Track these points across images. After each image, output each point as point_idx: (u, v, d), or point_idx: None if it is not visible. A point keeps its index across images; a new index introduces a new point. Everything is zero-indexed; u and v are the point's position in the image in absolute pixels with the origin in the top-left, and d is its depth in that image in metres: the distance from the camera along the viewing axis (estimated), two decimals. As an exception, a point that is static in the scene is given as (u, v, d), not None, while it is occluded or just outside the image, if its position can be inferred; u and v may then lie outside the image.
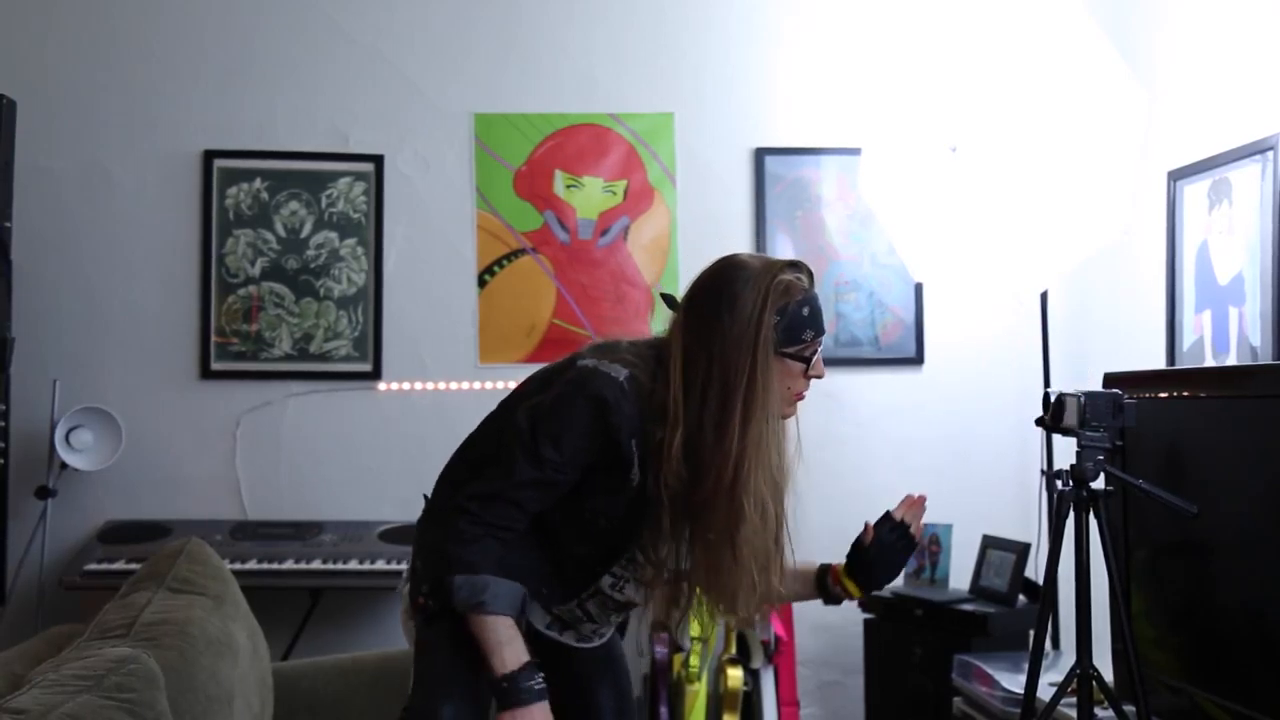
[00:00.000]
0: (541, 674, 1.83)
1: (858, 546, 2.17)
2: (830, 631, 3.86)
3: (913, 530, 2.20)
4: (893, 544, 2.18)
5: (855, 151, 3.79)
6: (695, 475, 1.86)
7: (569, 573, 1.98)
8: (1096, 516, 2.32)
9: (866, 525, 2.17)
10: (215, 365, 3.74)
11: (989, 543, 3.55)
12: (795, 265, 1.93)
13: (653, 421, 1.84)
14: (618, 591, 2.00)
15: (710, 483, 1.85)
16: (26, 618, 3.44)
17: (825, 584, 2.18)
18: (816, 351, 1.95)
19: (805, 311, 1.89)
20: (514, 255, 3.87)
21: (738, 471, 1.86)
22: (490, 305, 3.85)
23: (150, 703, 1.69)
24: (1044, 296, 3.58)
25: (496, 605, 1.81)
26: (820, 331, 1.93)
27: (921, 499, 2.19)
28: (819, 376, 1.97)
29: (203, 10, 3.81)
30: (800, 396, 1.99)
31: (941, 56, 3.47)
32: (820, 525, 3.86)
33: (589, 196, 3.90)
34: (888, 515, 2.20)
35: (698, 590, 1.98)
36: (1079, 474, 2.32)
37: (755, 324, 1.85)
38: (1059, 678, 2.42)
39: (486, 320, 3.85)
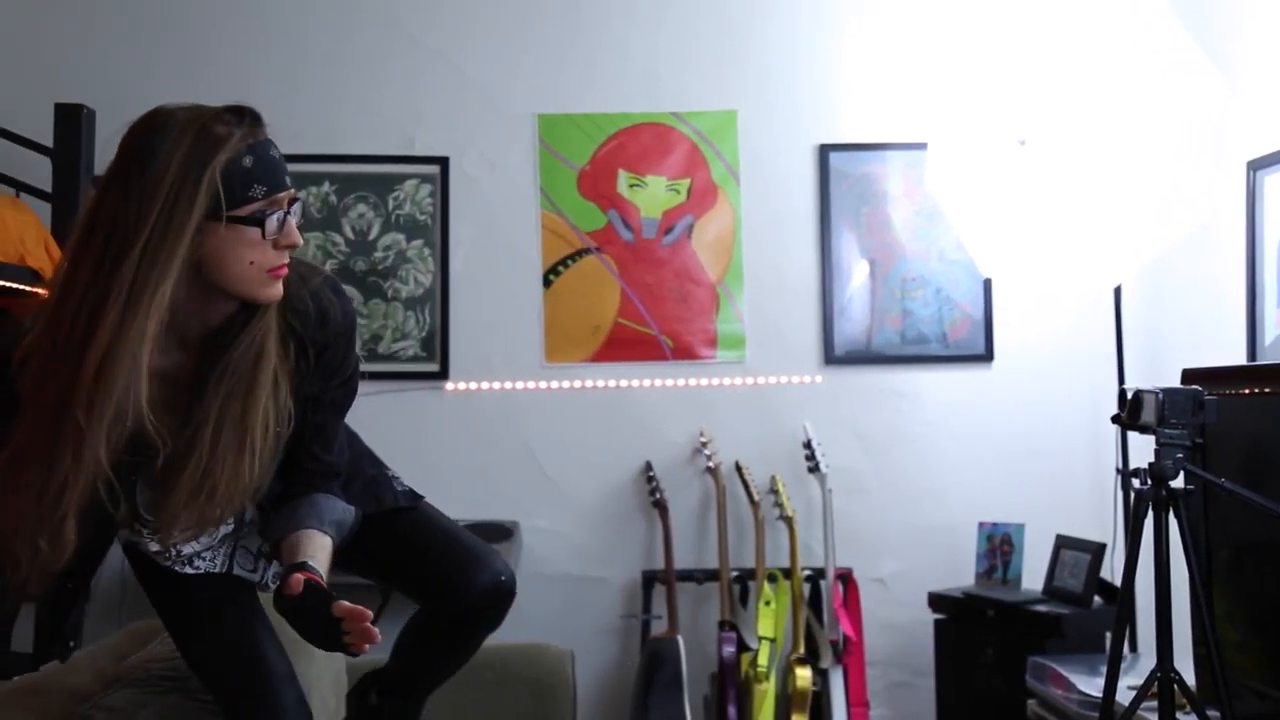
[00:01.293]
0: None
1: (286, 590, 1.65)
2: (899, 632, 3.82)
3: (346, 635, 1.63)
4: (308, 609, 1.63)
5: (921, 146, 3.75)
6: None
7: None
8: (1176, 516, 2.27)
9: (296, 579, 1.63)
10: (286, 366, 3.80)
11: (1063, 543, 3.49)
12: (236, 111, 1.57)
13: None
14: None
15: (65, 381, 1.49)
16: (110, 611, 3.53)
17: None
18: (281, 213, 1.57)
19: (247, 162, 1.53)
20: (579, 255, 3.88)
21: (100, 374, 1.48)
22: (555, 305, 3.87)
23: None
24: (1118, 291, 3.51)
25: None
26: (278, 187, 1.57)
27: (364, 613, 1.61)
28: (292, 245, 1.59)
29: (270, 18, 3.87)
30: (276, 273, 1.59)
31: (1009, 47, 3.42)
32: (892, 523, 3.86)
33: (653, 195, 3.90)
34: (324, 593, 1.65)
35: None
36: (1158, 472, 2.27)
37: (175, 182, 1.48)
38: (1137, 681, 2.37)
39: (552, 320, 3.86)
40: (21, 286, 3.09)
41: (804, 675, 3.48)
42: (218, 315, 1.63)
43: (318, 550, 1.73)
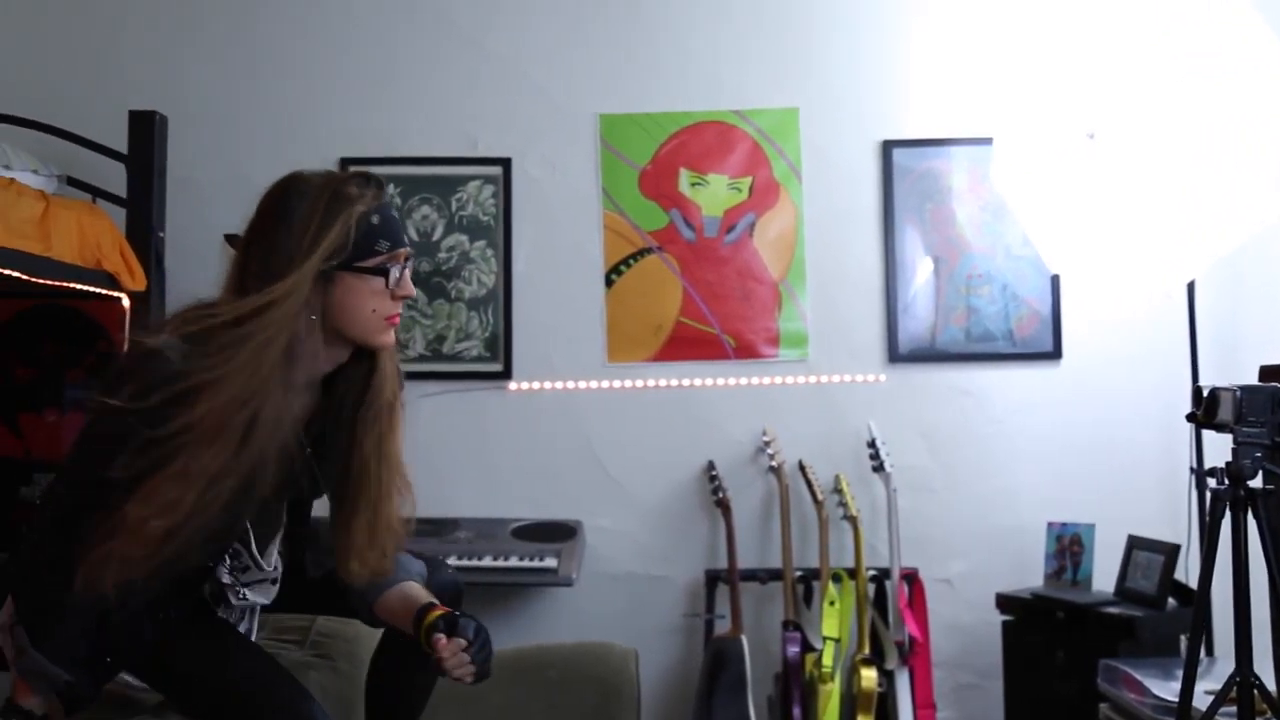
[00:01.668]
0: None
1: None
2: (966, 633, 3.77)
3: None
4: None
5: (987, 141, 3.71)
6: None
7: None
8: (1255, 516, 2.21)
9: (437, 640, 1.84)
10: (353, 367, 3.85)
11: (1135, 543, 3.42)
12: (364, 176, 1.78)
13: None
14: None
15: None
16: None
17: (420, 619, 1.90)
18: (401, 266, 1.78)
19: (375, 220, 1.74)
20: (640, 254, 3.88)
21: (275, 417, 1.70)
22: (618, 304, 3.87)
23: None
24: (1191, 287, 3.44)
25: None
26: (399, 244, 1.77)
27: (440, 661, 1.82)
28: (408, 296, 1.80)
29: (336, 24, 3.92)
30: (393, 320, 1.79)
31: (1078, 37, 3.36)
32: (958, 523, 3.81)
33: (714, 194, 3.89)
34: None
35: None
36: (1236, 472, 2.22)
37: (312, 238, 1.68)
38: (1215, 685, 2.32)
39: (614, 319, 3.87)
40: (97, 290, 3.16)
41: (869, 676, 3.46)
42: (331, 362, 1.81)
43: (423, 595, 1.93)
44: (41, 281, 2.94)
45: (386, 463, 1.85)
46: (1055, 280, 3.83)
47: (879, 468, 3.66)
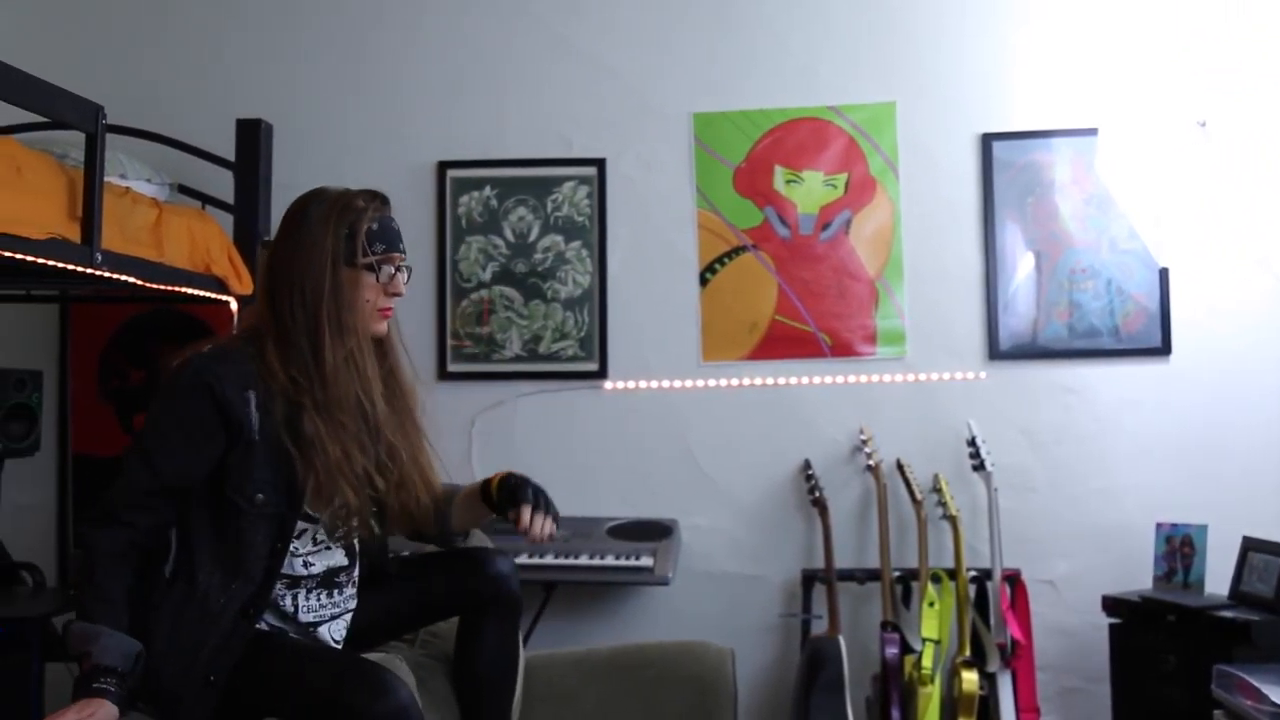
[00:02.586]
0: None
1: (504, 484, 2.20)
2: (1071, 636, 3.69)
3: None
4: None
5: (1091, 132, 3.62)
6: (298, 388, 1.97)
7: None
8: (1378, 518, 2.12)
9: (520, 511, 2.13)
10: (451, 367, 3.91)
11: (1251, 545, 3.30)
12: (370, 193, 2.11)
13: (257, 359, 1.98)
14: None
15: (311, 396, 1.97)
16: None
17: (487, 497, 2.20)
18: (393, 267, 2.09)
19: (374, 226, 2.07)
20: (735, 253, 3.87)
21: (334, 377, 1.99)
22: (712, 303, 3.87)
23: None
24: (1309, 279, 3.31)
25: None
26: (392, 247, 2.09)
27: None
28: (397, 294, 2.10)
29: (434, 31, 3.99)
30: (384, 313, 2.11)
31: (1187, 21, 3.26)
32: (1062, 523, 3.73)
33: (809, 191, 3.86)
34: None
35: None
36: (1356, 472, 2.13)
37: (323, 238, 2.02)
38: (1336, 693, 2.23)
39: (709, 318, 3.87)
40: (207, 294, 3.27)
41: (970, 679, 3.40)
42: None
43: (474, 485, 2.24)
44: (155, 286, 3.04)
45: (416, 430, 2.17)
46: (1164, 274, 3.72)
47: (979, 467, 3.60)
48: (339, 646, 2.11)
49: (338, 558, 2.09)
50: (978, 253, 3.81)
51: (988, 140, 3.81)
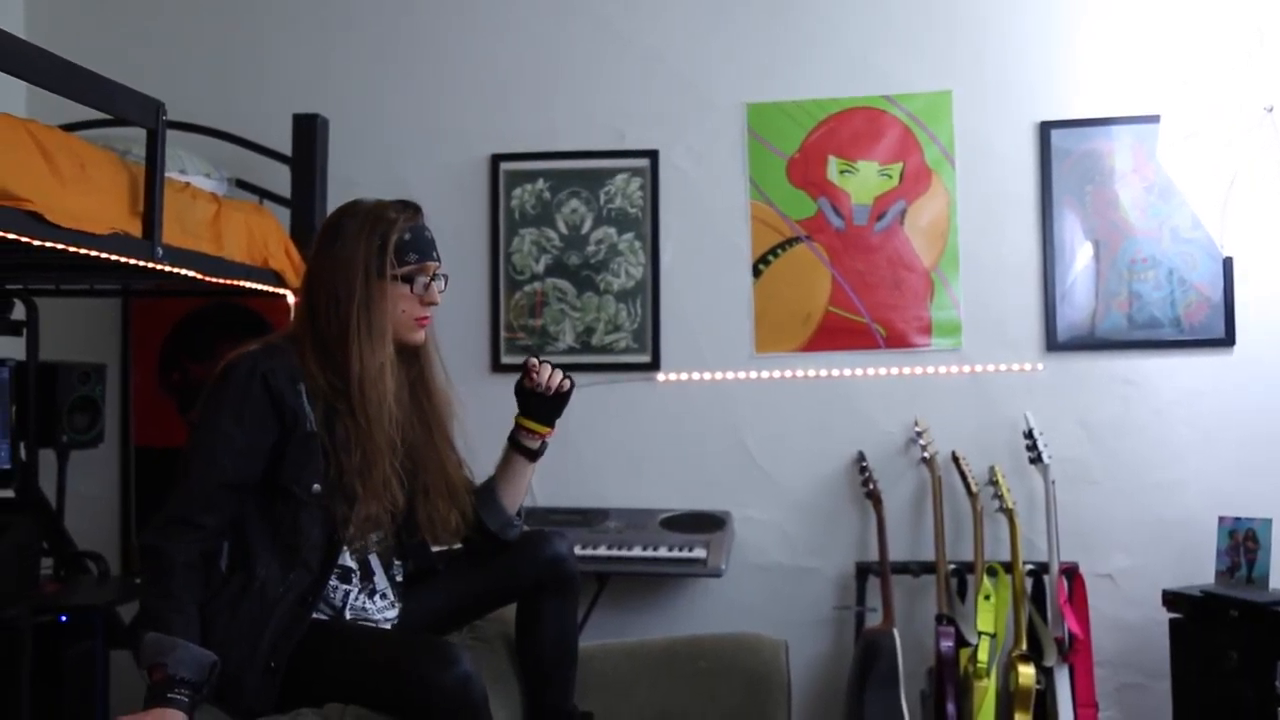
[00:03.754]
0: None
1: (521, 391, 2.33)
2: (1131, 631, 3.63)
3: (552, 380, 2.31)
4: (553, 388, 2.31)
5: (1153, 119, 3.54)
6: (334, 391, 2.02)
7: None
8: None
9: (529, 364, 2.30)
10: (505, 359, 3.93)
11: (1316, 540, 3.23)
12: (403, 203, 2.14)
13: (299, 359, 2.04)
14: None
15: (346, 400, 2.02)
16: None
17: (515, 441, 2.31)
18: (427, 277, 2.13)
19: (406, 237, 2.10)
20: (788, 244, 3.85)
21: (363, 386, 2.02)
22: (766, 295, 3.85)
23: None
24: (1379, 268, 3.23)
25: None
26: (425, 256, 2.12)
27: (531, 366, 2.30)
28: (433, 303, 2.15)
29: (485, 26, 4.00)
30: (421, 322, 2.15)
31: (1255, 3, 3.18)
32: (1121, 517, 3.67)
33: (864, 181, 3.83)
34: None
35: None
36: None
37: (355, 250, 2.06)
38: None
39: (762, 310, 3.85)
40: (265, 287, 3.31)
41: (1027, 673, 3.36)
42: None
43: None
44: (214, 280, 3.09)
45: (445, 439, 2.22)
46: (1228, 264, 3.64)
47: (1036, 459, 3.55)
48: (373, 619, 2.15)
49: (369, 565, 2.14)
50: (1035, 243, 3.76)
51: (1046, 128, 3.75)
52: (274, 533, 1.99)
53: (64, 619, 3.20)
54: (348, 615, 2.08)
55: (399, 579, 2.22)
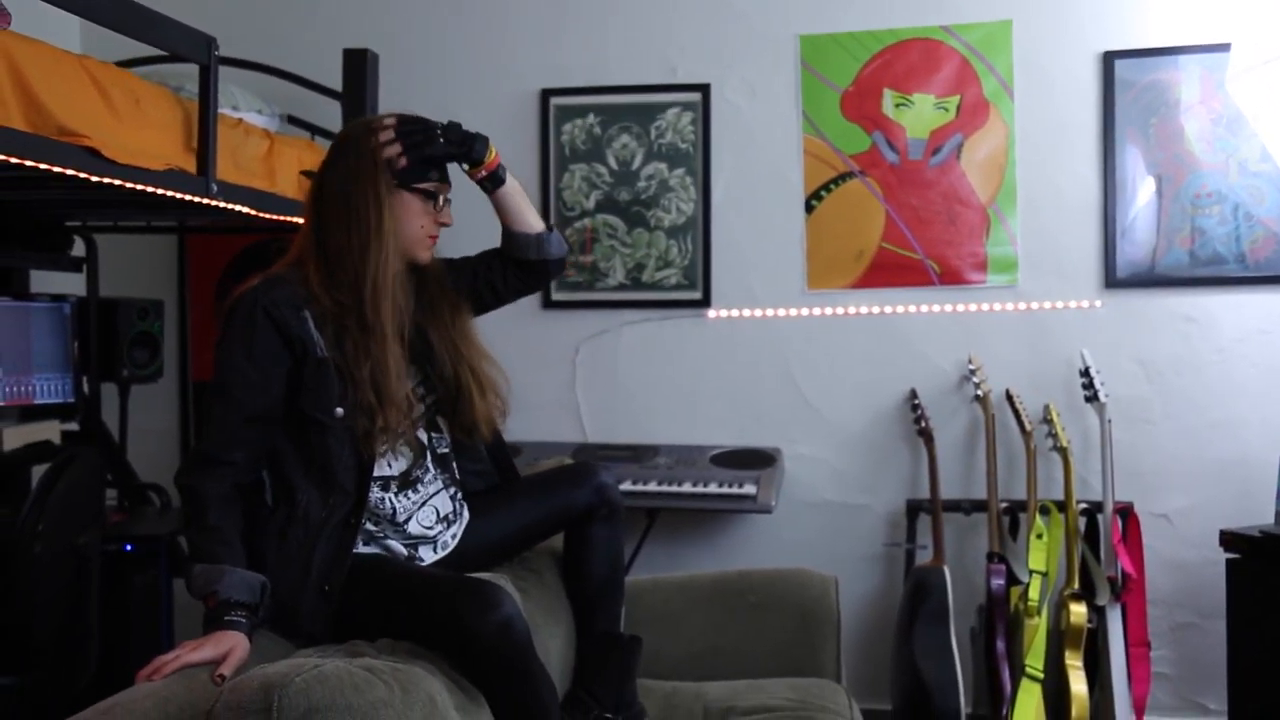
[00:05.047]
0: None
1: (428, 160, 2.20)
2: (1186, 571, 3.60)
3: None
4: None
5: (1223, 48, 3.43)
6: (342, 309, 2.01)
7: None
8: None
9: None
10: (556, 296, 3.94)
11: (1380, 481, 3.17)
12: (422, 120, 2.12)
13: (303, 284, 2.04)
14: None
15: (355, 317, 2.01)
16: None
17: (481, 186, 2.26)
18: (444, 197, 2.13)
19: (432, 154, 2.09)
20: (841, 179, 3.80)
21: (375, 297, 2.01)
22: (818, 230, 3.81)
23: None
24: None
25: None
26: (445, 180, 2.13)
27: None
28: (446, 224, 2.15)
29: (537, -47, 3.96)
30: (433, 240, 2.15)
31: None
32: (1179, 456, 3.63)
33: (919, 115, 3.76)
34: None
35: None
36: None
37: (376, 159, 2.05)
38: None
39: (814, 246, 3.81)
40: (318, 223, 3.32)
41: (1078, 611, 3.35)
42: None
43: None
44: (267, 216, 3.11)
45: (467, 338, 2.22)
46: (1296, 197, 3.55)
47: (1092, 398, 3.51)
48: (432, 534, 2.16)
49: (404, 461, 2.14)
50: (1096, 177, 3.68)
51: (1109, 58, 3.65)
52: (308, 461, 2.02)
53: (129, 548, 3.29)
54: (399, 518, 2.11)
55: (440, 450, 2.23)
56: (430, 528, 2.15)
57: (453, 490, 2.23)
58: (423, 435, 2.17)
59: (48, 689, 2.77)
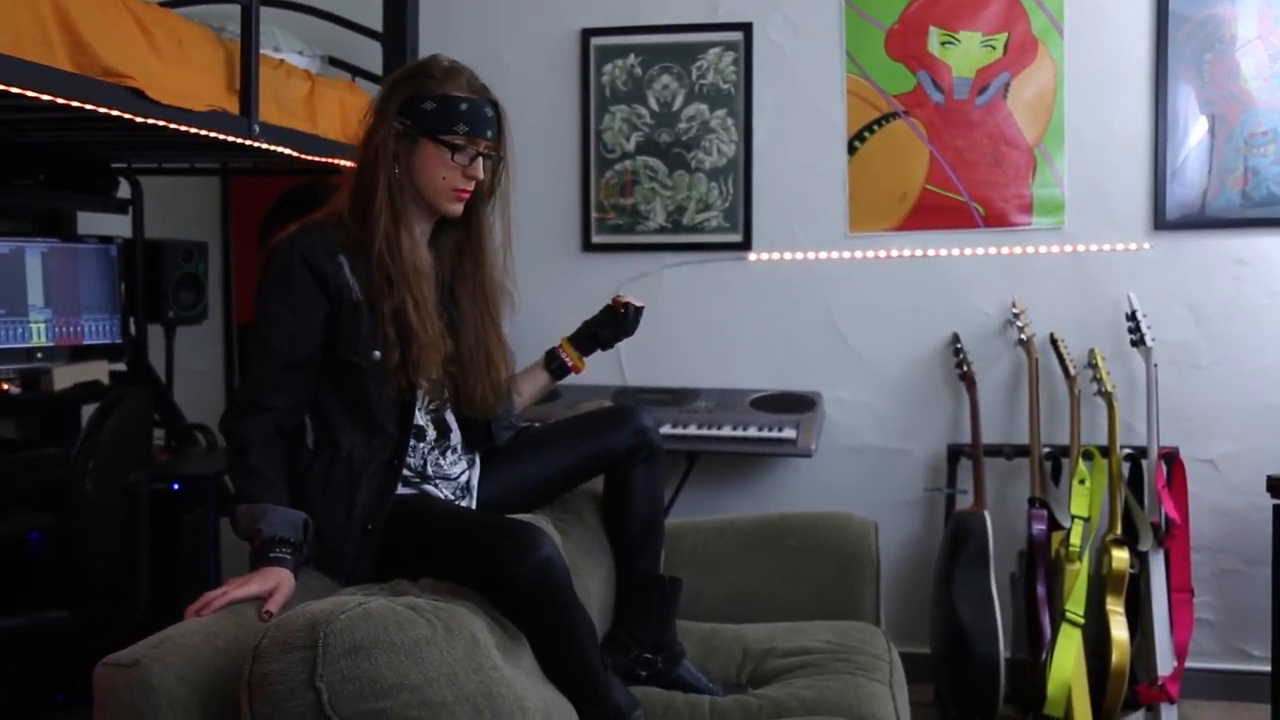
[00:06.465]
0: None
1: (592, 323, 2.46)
2: (1231, 517, 3.57)
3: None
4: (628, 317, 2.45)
5: (1281, -18, 3.34)
6: (379, 259, 2.03)
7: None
8: None
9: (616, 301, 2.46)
10: (595, 238, 3.93)
11: None
12: (468, 75, 2.11)
13: (340, 230, 2.06)
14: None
15: (386, 243, 2.04)
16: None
17: (552, 356, 2.41)
18: (475, 151, 2.08)
19: (463, 107, 2.05)
20: (885, 119, 3.74)
21: (397, 239, 2.04)
22: (860, 172, 3.77)
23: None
24: None
25: None
26: (478, 134, 2.07)
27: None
28: (475, 177, 2.10)
29: (577, -111, 3.90)
30: (460, 194, 2.10)
31: None
32: (1227, 402, 3.58)
33: (966, 53, 3.69)
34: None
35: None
36: None
37: (396, 103, 2.07)
38: None
39: (857, 188, 3.77)
40: (359, 166, 3.33)
41: (1121, 557, 3.33)
42: (425, 219, 2.15)
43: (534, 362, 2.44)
44: (308, 158, 3.12)
45: (488, 315, 2.20)
46: (1354, 137, 3.46)
47: (1138, 342, 3.46)
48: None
49: (433, 430, 2.16)
50: (1146, 116, 3.60)
51: (1163, -7, 3.56)
52: (349, 406, 2.05)
53: (177, 487, 3.35)
54: (430, 472, 2.13)
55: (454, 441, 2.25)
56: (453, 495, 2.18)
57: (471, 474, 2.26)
58: (449, 418, 2.19)
59: (101, 623, 2.84)
